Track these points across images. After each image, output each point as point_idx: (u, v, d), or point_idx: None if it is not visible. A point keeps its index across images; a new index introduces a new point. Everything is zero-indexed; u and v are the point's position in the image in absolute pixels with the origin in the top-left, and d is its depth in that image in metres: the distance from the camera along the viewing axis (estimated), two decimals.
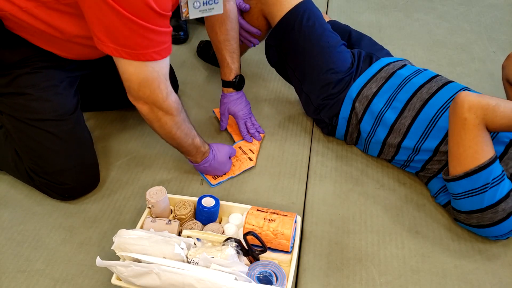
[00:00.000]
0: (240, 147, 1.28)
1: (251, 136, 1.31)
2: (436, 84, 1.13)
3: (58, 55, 1.07)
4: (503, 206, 0.96)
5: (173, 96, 1.00)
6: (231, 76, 1.27)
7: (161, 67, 0.94)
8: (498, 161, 0.97)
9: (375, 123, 1.17)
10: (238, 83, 1.28)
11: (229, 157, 1.22)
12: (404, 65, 1.22)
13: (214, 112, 1.42)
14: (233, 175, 1.20)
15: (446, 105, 1.09)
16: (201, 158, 1.15)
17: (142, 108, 0.99)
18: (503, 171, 0.97)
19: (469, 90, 1.12)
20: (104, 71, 1.29)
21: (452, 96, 1.10)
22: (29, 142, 1.08)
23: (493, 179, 0.95)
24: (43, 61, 1.07)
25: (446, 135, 1.06)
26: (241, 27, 1.32)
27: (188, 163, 1.24)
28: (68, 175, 1.09)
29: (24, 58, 1.05)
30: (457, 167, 0.99)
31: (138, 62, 0.90)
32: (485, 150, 0.96)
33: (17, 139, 1.10)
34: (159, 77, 0.94)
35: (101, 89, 1.36)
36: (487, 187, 0.96)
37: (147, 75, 0.92)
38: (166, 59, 0.95)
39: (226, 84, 1.29)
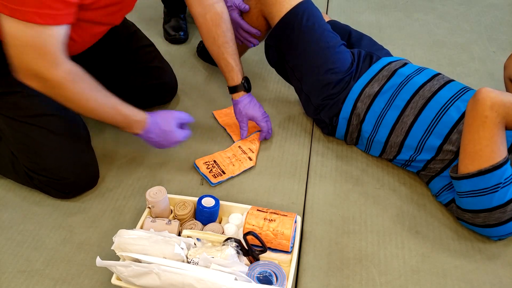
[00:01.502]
0: (239, 147, 1.28)
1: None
2: (438, 83, 1.13)
3: None
4: (492, 217, 0.96)
5: (63, 67, 0.92)
6: (239, 79, 1.22)
7: (49, 35, 0.87)
8: (510, 161, 0.96)
9: (377, 122, 1.17)
10: (248, 84, 1.24)
11: (181, 124, 1.14)
12: (405, 64, 1.22)
13: (213, 115, 1.42)
14: (233, 175, 1.20)
15: (448, 104, 1.08)
16: (139, 129, 1.07)
17: (30, 83, 0.93)
18: None
19: (470, 89, 1.12)
20: (102, 71, 1.29)
21: (454, 95, 1.10)
22: (24, 140, 1.08)
23: (505, 179, 0.94)
24: None
25: (449, 133, 1.06)
26: (240, 27, 1.32)
27: (190, 160, 1.25)
28: (66, 170, 1.09)
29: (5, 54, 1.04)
30: (469, 165, 0.97)
31: (21, 23, 0.84)
32: (501, 150, 0.94)
33: (12, 138, 1.10)
34: (46, 46, 0.88)
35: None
36: (498, 187, 0.94)
37: (31, 40, 0.86)
38: (56, 29, 0.88)
39: (234, 89, 1.24)
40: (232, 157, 1.24)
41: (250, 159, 1.24)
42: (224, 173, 1.20)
